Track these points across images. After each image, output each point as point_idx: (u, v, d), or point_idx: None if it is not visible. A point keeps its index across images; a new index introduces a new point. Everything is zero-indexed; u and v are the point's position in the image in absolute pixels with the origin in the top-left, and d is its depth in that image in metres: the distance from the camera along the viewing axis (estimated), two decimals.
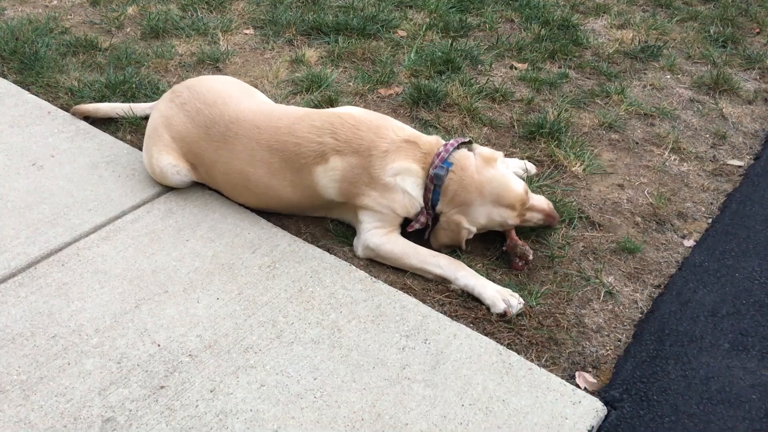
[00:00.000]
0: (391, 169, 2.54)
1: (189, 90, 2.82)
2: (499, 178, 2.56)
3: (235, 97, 2.78)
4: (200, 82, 2.89)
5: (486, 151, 2.63)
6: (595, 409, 2.11)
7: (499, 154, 2.64)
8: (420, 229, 2.65)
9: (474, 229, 2.59)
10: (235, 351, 2.21)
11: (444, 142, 2.62)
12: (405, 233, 2.66)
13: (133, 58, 3.80)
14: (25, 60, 3.69)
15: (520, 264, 2.61)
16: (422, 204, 2.59)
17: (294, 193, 2.65)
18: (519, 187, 2.58)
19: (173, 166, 2.77)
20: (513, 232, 2.67)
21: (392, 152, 2.54)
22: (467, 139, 2.68)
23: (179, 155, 2.77)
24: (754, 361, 2.32)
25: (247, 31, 4.23)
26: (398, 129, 2.62)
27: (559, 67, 4.06)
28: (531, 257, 2.60)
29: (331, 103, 3.50)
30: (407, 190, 2.56)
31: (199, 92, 2.79)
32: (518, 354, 2.28)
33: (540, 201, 2.67)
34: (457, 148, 2.60)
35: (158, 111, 2.85)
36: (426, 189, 2.57)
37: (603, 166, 3.23)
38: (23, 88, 3.52)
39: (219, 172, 2.74)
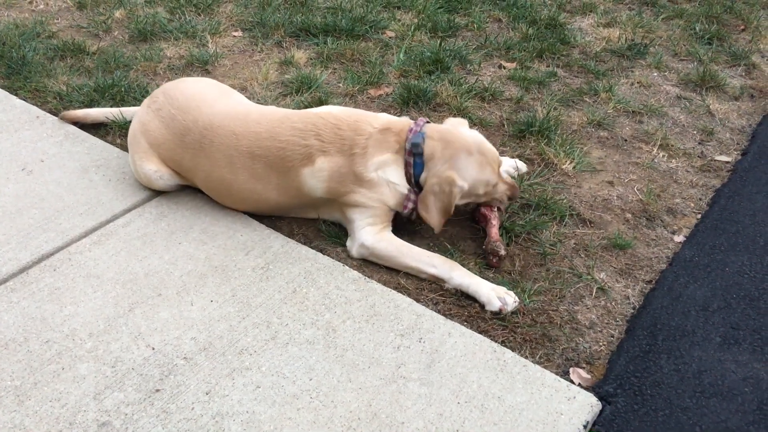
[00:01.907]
0: (372, 165, 2.55)
1: (164, 95, 2.80)
2: (476, 134, 2.67)
3: (208, 100, 2.75)
4: (176, 85, 2.86)
5: (454, 119, 2.76)
6: (589, 404, 2.12)
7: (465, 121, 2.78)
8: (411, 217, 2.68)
9: (466, 186, 2.55)
10: (230, 353, 2.20)
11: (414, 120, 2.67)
12: (400, 223, 2.67)
13: (122, 62, 3.79)
14: (13, 65, 3.66)
15: (493, 260, 2.62)
16: (407, 186, 2.59)
17: (280, 196, 2.65)
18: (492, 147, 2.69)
19: (155, 172, 2.76)
20: (494, 229, 2.67)
21: (370, 147, 2.55)
22: (428, 120, 2.71)
23: (159, 161, 2.76)
24: (745, 354, 2.34)
25: (235, 34, 4.22)
26: (373, 120, 2.63)
27: (547, 66, 4.08)
28: (503, 252, 2.61)
29: (321, 104, 3.49)
30: (390, 180, 2.57)
31: (172, 97, 2.76)
32: (512, 351, 2.29)
33: (503, 172, 2.79)
34: (428, 122, 2.67)
35: (137, 117, 2.85)
36: (406, 165, 2.57)
37: (592, 164, 3.26)
38: (11, 93, 3.50)
39: (199, 179, 2.74)
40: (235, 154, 2.61)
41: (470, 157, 2.56)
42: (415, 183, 2.59)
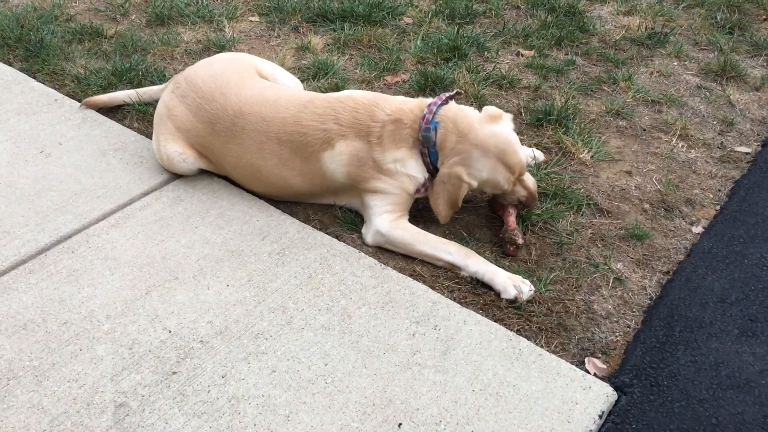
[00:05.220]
0: (390, 157, 2.55)
1: (186, 82, 2.79)
2: (505, 135, 2.53)
3: (233, 85, 2.73)
4: (196, 72, 2.83)
5: (492, 108, 2.60)
6: (605, 394, 2.11)
7: (508, 115, 2.63)
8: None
9: (475, 184, 2.52)
10: (246, 337, 2.21)
11: (429, 102, 2.59)
12: (416, 211, 2.66)
13: (139, 46, 3.79)
14: (31, 47, 3.68)
15: (510, 249, 2.61)
16: (426, 174, 2.59)
17: (304, 182, 2.65)
18: (522, 152, 2.57)
19: (179, 154, 2.76)
20: (511, 218, 2.66)
21: (385, 138, 2.54)
22: (454, 93, 2.64)
23: (185, 143, 2.77)
24: (763, 346, 2.32)
25: (252, 18, 4.21)
26: (386, 105, 2.58)
27: (565, 54, 4.05)
28: (520, 241, 2.59)
29: (338, 90, 3.48)
30: (409, 173, 2.57)
31: (195, 85, 2.76)
32: (528, 340, 2.28)
33: (529, 179, 2.65)
34: (445, 102, 2.58)
35: (162, 100, 2.86)
36: (423, 155, 2.56)
37: (611, 153, 3.23)
38: (29, 75, 3.51)
39: (228, 165, 2.75)
40: (264, 140, 2.62)
41: (484, 157, 2.51)
42: (435, 170, 2.58)
